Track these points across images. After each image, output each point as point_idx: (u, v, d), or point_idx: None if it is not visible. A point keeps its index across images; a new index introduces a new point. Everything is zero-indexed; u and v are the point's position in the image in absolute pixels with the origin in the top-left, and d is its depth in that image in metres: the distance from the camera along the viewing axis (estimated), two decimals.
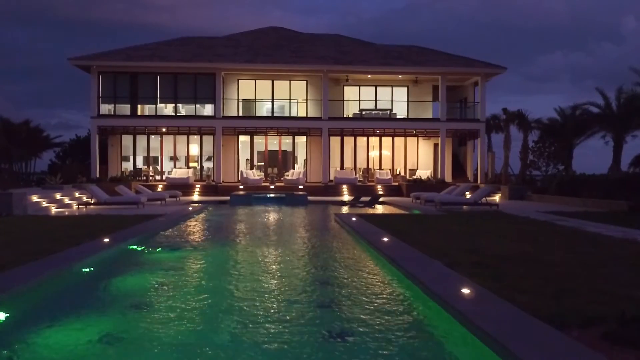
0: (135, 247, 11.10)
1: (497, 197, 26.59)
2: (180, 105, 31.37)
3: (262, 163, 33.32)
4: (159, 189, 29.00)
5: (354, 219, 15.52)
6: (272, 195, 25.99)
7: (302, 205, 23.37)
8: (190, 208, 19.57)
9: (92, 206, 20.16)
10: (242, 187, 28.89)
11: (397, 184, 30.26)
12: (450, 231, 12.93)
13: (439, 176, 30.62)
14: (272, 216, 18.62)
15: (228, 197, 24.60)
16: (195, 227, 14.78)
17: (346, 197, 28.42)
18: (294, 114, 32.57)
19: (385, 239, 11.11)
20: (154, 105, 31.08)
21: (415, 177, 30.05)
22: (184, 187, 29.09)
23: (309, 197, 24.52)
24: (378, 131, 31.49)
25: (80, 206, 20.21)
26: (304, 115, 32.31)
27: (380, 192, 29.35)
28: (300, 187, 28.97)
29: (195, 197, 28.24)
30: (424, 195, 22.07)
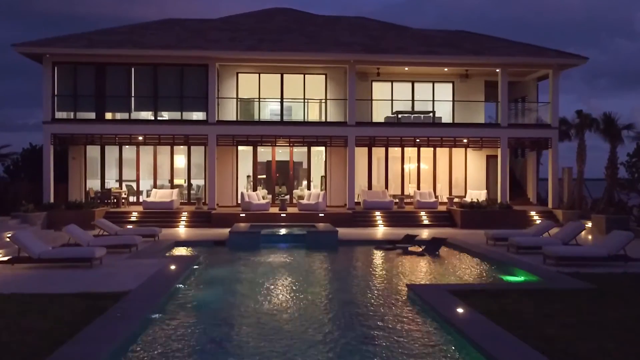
0: None
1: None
2: (161, 107, 24.01)
3: (264, 175, 26.19)
4: (133, 218, 21.79)
5: (460, 309, 8.47)
6: (286, 230, 18.90)
7: (332, 250, 16.33)
8: (173, 266, 12.37)
9: (22, 264, 12.86)
10: (243, 215, 21.71)
11: (445, 209, 23.18)
12: None
13: (500, 198, 23.54)
14: (295, 281, 11.49)
15: (227, 230, 17.57)
16: (180, 341, 7.53)
17: (381, 227, 21.40)
18: (309, 117, 25.43)
19: None
20: (127, 107, 23.74)
21: (470, 199, 22.93)
22: (166, 215, 21.93)
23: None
24: (418, 140, 24.36)
25: (2, 263, 12.92)
26: (323, 119, 25.16)
27: (426, 222, 22.27)
28: (320, 214, 21.85)
29: (182, 229, 21.06)
30: (517, 239, 14.87)
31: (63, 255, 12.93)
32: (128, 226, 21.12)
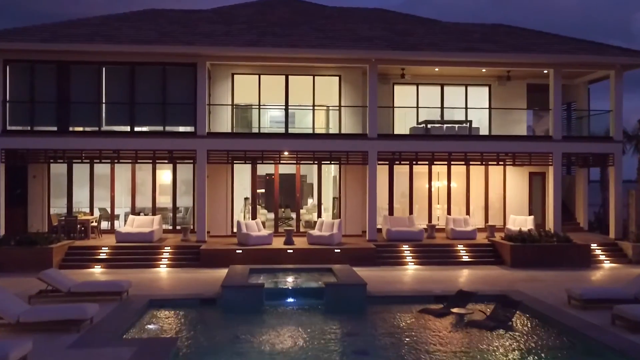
0: None
1: None
2: (139, 115, 19.60)
3: (262, 190, 21.98)
4: (103, 254, 17.47)
5: None
6: (296, 280, 14.65)
7: (359, 314, 12.18)
8: None
9: None
10: (239, 251, 17.43)
11: (487, 240, 18.98)
12: None
13: (553, 227, 19.31)
14: None
15: (219, 273, 13.36)
16: None
17: (412, 266, 17.16)
18: (318, 128, 21.15)
19: None
20: (97, 115, 19.34)
21: (519, 228, 18.69)
22: (144, 250, 17.66)
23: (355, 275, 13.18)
24: (452, 155, 20.09)
25: None
26: (336, 130, 20.89)
27: (466, 259, 18.04)
28: (336, 250, 17.60)
29: (163, 269, 16.78)
30: (636, 313, 10.35)
31: None
32: (95, 266, 16.92)
